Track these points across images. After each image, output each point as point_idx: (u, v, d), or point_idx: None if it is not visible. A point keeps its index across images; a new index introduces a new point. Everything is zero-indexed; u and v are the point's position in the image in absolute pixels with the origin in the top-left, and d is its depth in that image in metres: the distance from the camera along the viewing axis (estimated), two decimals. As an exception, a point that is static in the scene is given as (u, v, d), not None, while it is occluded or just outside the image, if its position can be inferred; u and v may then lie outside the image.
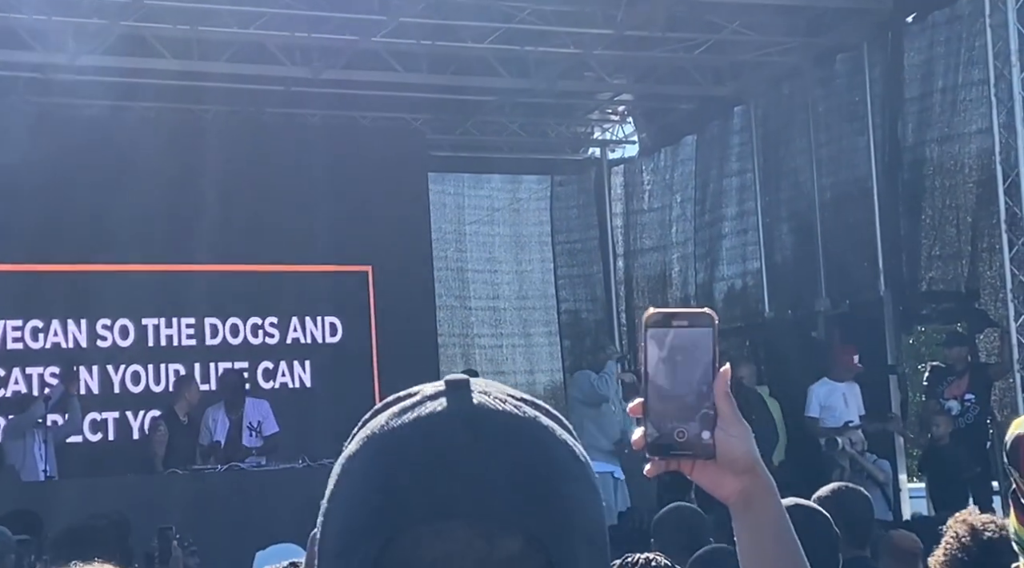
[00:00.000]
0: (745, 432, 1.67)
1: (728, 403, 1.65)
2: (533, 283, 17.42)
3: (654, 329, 1.65)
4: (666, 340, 1.64)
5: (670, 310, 1.66)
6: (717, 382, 1.64)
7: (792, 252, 15.17)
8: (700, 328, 1.64)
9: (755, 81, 15.20)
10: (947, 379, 12.61)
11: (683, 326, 1.64)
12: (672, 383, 1.64)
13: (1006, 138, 11.70)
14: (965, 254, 13.08)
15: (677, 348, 1.64)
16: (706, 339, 1.64)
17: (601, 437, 12.00)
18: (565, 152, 17.70)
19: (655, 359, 1.64)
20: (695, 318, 1.65)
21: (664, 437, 1.64)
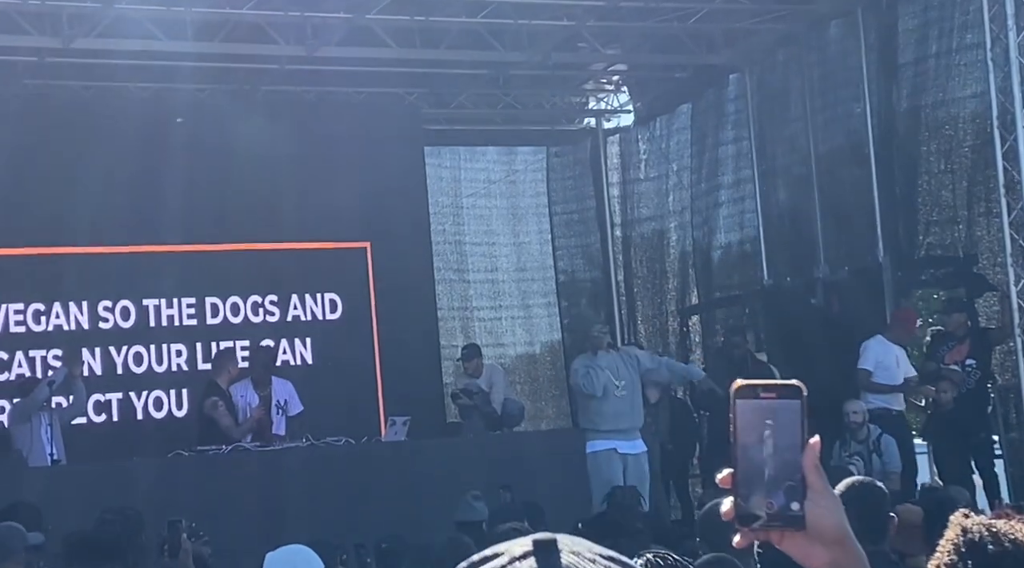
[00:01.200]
0: (835, 504, 1.68)
1: (818, 475, 1.66)
2: (531, 254, 17.43)
3: (742, 400, 1.67)
4: (755, 411, 1.67)
5: (759, 382, 1.69)
6: (807, 454, 1.65)
7: (789, 219, 15.18)
8: (788, 400, 1.67)
9: (749, 48, 15.18)
10: (948, 344, 12.66)
11: (771, 397, 1.67)
12: (761, 454, 1.66)
13: (1003, 102, 11.71)
14: (962, 219, 13.12)
15: (765, 419, 1.66)
16: (794, 410, 1.66)
17: (603, 421, 11.99)
18: (560, 123, 17.68)
19: (744, 430, 1.67)
20: (783, 390, 1.68)
21: (754, 507, 1.66)
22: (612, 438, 11.83)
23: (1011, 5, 11.53)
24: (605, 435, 11.88)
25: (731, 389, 1.69)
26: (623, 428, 11.92)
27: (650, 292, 17.10)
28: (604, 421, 11.94)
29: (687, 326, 16.67)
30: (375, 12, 13.08)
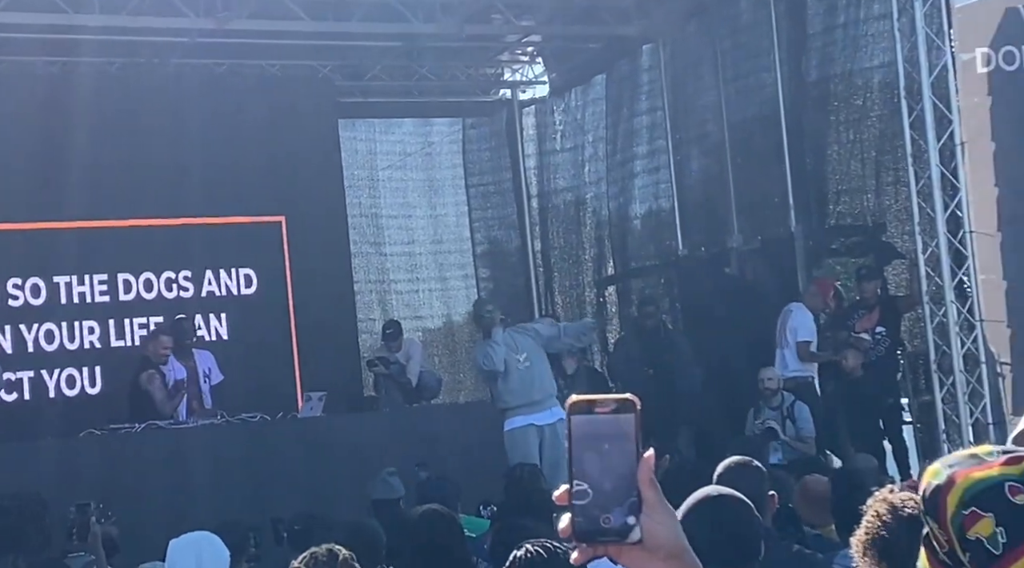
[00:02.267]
0: (671, 518, 1.69)
1: (653, 489, 1.67)
2: (448, 226, 17.41)
3: (577, 416, 1.67)
4: (590, 426, 1.67)
5: (592, 397, 1.68)
6: (641, 468, 1.66)
7: (703, 190, 15.28)
8: (623, 414, 1.67)
9: (662, 19, 15.21)
10: (858, 312, 12.82)
11: (606, 412, 1.67)
12: (597, 470, 1.66)
13: (910, 72, 11.83)
14: (870, 188, 13.27)
15: (601, 435, 1.66)
16: (629, 425, 1.66)
17: (512, 397, 11.99)
18: (476, 94, 17.64)
19: (579, 445, 1.67)
20: (618, 404, 1.67)
21: (590, 523, 1.66)
22: (527, 413, 11.84)
23: (917, -25, 11.63)
24: (519, 411, 11.89)
25: (566, 405, 1.69)
26: (535, 400, 11.93)
27: (567, 263, 17.15)
28: (514, 397, 11.94)
29: (604, 297, 16.75)
30: (286, -16, 12.98)
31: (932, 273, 11.72)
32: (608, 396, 1.68)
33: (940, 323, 11.64)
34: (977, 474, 2.03)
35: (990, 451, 2.06)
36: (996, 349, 11.50)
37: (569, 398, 1.69)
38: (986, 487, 2.02)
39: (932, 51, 11.70)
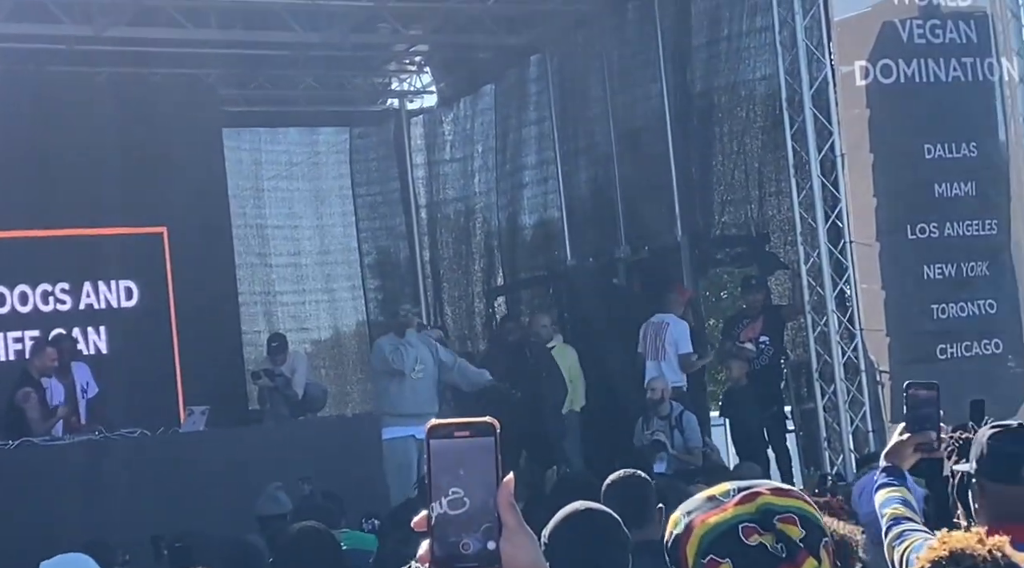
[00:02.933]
0: (530, 542, 1.67)
1: (512, 513, 1.65)
2: (335, 237, 17.28)
3: (436, 441, 1.65)
4: (449, 451, 1.64)
5: (452, 422, 1.66)
6: (501, 492, 1.64)
7: (591, 200, 15.32)
8: (482, 438, 1.64)
9: (550, 30, 15.25)
10: (742, 322, 12.93)
11: (465, 436, 1.65)
12: (456, 495, 1.64)
13: (791, 84, 11.96)
14: (754, 198, 13.39)
15: (460, 459, 1.64)
16: (488, 449, 1.64)
17: (402, 404, 11.90)
18: (363, 104, 17.55)
19: (439, 470, 1.64)
20: (477, 428, 1.65)
21: (449, 549, 1.64)
22: (409, 424, 11.74)
23: (798, -12, 11.76)
24: (402, 421, 11.78)
25: (425, 429, 1.66)
26: (423, 412, 11.83)
27: (457, 274, 17.11)
28: (403, 404, 11.84)
29: (493, 307, 16.73)
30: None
31: (814, 283, 11.85)
32: (467, 420, 1.66)
33: (822, 332, 11.78)
34: (712, 520, 2.03)
35: (726, 491, 2.07)
36: (875, 358, 11.65)
37: (429, 422, 1.67)
38: (721, 532, 2.02)
39: (813, 64, 11.85)
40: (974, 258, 11.81)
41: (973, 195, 11.89)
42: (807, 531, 2.01)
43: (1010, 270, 12.02)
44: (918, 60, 11.90)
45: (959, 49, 11.98)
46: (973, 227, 11.85)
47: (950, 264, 11.75)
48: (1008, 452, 3.53)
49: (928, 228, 11.77)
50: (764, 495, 2.05)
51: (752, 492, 2.05)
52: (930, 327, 11.67)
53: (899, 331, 11.69)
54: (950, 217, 11.81)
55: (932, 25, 11.95)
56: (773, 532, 2.01)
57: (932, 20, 11.96)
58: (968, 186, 11.86)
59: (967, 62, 11.98)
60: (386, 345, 12.16)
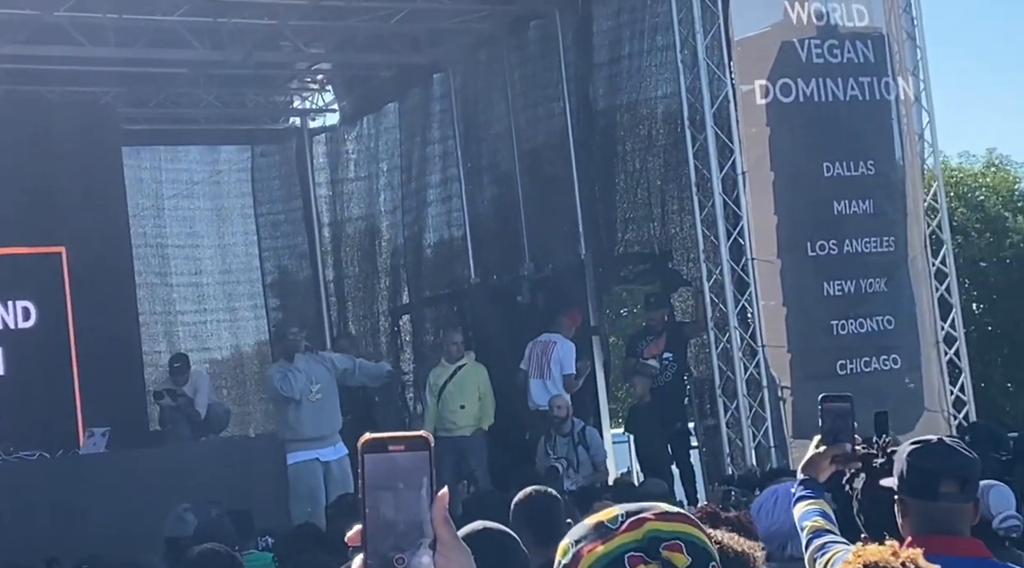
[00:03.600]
0: (465, 557, 1.65)
1: (447, 528, 1.64)
2: (237, 256, 17.14)
3: (370, 454, 1.63)
4: (383, 465, 1.63)
5: (386, 435, 1.64)
6: (435, 506, 1.63)
7: (495, 218, 15.34)
8: (417, 452, 1.63)
9: (452, 48, 15.28)
10: (646, 339, 13.01)
11: (399, 450, 1.63)
12: (390, 509, 1.62)
13: (693, 102, 12.07)
14: (657, 216, 13.50)
15: (394, 473, 1.63)
16: (423, 462, 1.63)
17: (302, 428, 11.79)
18: (265, 122, 17.44)
19: (372, 484, 1.62)
20: (411, 442, 1.64)
21: (383, 563, 1.62)
22: (313, 447, 11.64)
23: (698, 8, 11.89)
24: (305, 445, 11.68)
25: (359, 442, 1.65)
26: (324, 434, 11.76)
27: (361, 292, 17.03)
28: (302, 428, 11.75)
29: (398, 326, 16.67)
30: (64, 9, 12.60)
31: (716, 299, 11.96)
32: (401, 433, 1.65)
33: (724, 348, 11.89)
34: (600, 549, 2.02)
35: (615, 516, 2.05)
36: (777, 374, 11.78)
37: (363, 436, 1.65)
38: (607, 563, 2.01)
39: (714, 82, 11.98)
40: (872, 275, 11.99)
41: (871, 212, 12.09)
42: (693, 558, 2.01)
43: (907, 286, 12.22)
44: (817, 79, 12.07)
45: (856, 69, 12.18)
46: (871, 244, 12.04)
47: (849, 281, 11.92)
48: (927, 469, 3.57)
49: (828, 245, 11.93)
50: (650, 521, 2.03)
51: (639, 518, 2.04)
52: (830, 343, 11.82)
53: (800, 347, 11.83)
54: (849, 234, 11.99)
55: (830, 45, 12.14)
56: (659, 560, 2.00)
57: (830, 40, 12.15)
58: (866, 204, 12.05)
59: (864, 81, 12.19)
60: (275, 374, 12.04)
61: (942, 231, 12.66)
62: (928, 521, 3.56)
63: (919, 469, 3.58)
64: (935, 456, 3.60)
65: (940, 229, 12.66)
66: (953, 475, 3.57)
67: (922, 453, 3.62)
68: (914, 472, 3.58)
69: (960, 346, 12.41)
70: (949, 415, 12.06)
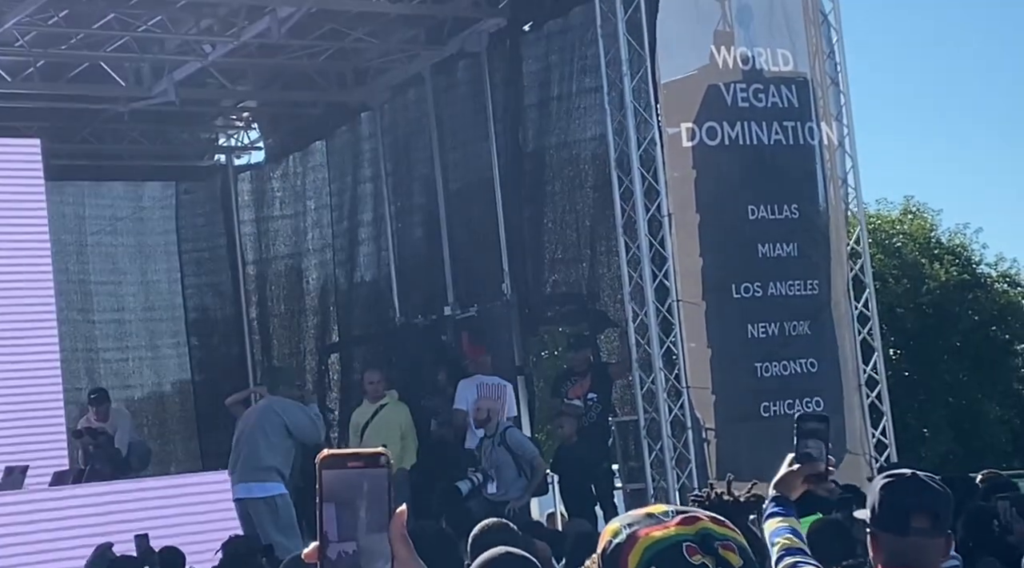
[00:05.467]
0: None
1: (405, 546, 1.63)
2: (160, 293, 17.00)
3: (329, 470, 1.62)
4: (342, 481, 1.62)
5: (344, 451, 1.64)
6: (394, 523, 1.62)
7: (423, 257, 15.34)
8: (375, 469, 1.63)
9: (380, 87, 15.29)
10: (570, 379, 13.02)
11: (358, 466, 1.63)
12: (348, 526, 1.62)
13: (620, 144, 12.14)
14: (585, 257, 13.54)
15: (353, 490, 1.62)
16: (381, 480, 1.62)
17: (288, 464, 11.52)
18: (190, 159, 17.34)
19: (330, 501, 1.61)
20: (370, 458, 1.63)
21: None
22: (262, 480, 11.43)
23: (625, 51, 11.97)
24: (283, 480, 11.44)
25: (317, 459, 1.64)
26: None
27: (288, 330, 16.93)
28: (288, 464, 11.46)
29: (326, 364, 16.58)
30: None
31: (641, 341, 11.99)
32: (360, 450, 1.64)
33: (649, 390, 11.91)
34: (657, 534, 2.06)
35: (666, 511, 2.11)
36: (701, 415, 11.82)
37: (322, 452, 1.64)
38: (666, 547, 2.05)
39: (640, 125, 12.05)
40: (796, 317, 12.09)
41: (795, 256, 12.19)
42: (745, 561, 2.06)
43: (830, 329, 12.33)
44: (742, 123, 12.19)
45: (781, 113, 12.32)
46: (795, 287, 12.14)
47: (773, 323, 12.01)
48: (899, 503, 3.58)
49: (752, 288, 12.01)
50: (703, 521, 2.09)
51: (692, 516, 2.09)
52: (754, 385, 11.88)
53: (724, 389, 11.88)
54: (773, 277, 12.08)
55: (755, 89, 12.27)
56: (714, 556, 2.05)
57: (755, 84, 12.28)
58: (790, 247, 12.16)
59: (789, 126, 12.32)
60: (316, 418, 11.79)
61: (864, 275, 12.80)
62: (899, 555, 3.56)
63: (891, 503, 3.58)
64: (907, 491, 3.59)
65: (863, 273, 12.80)
66: (925, 510, 3.57)
67: (894, 487, 3.61)
68: (886, 506, 3.58)
69: (882, 389, 12.53)
70: (871, 458, 12.16)
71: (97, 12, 12.62)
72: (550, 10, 13.51)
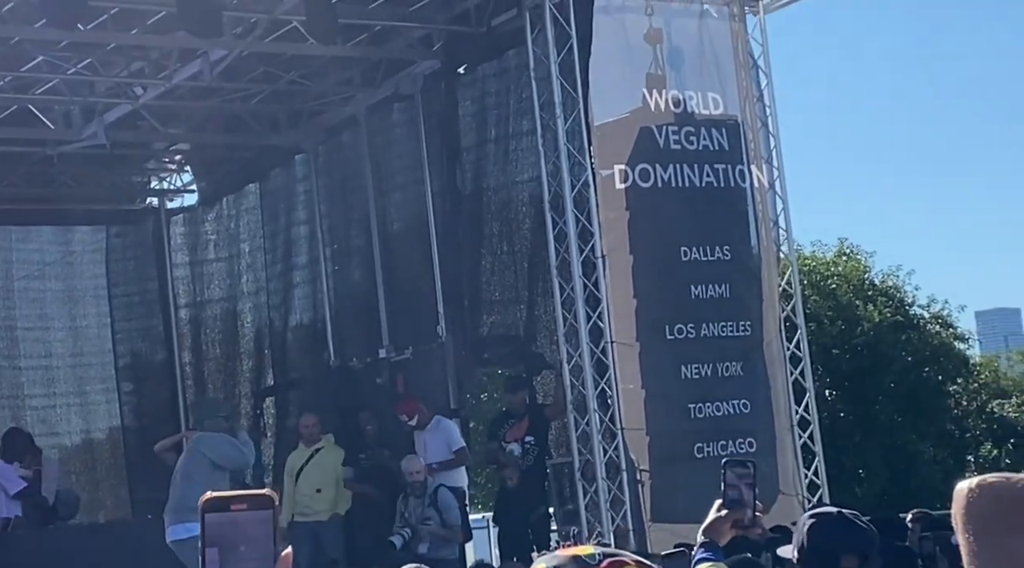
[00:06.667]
0: None
1: None
2: (89, 339, 16.79)
3: (211, 514, 1.60)
4: (225, 525, 1.60)
5: (228, 494, 1.62)
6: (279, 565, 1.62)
7: (359, 300, 15.25)
8: (259, 511, 1.61)
9: (314, 130, 15.24)
10: (507, 422, 12.96)
11: (242, 509, 1.61)
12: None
13: (554, 187, 12.15)
14: (523, 299, 13.49)
15: (237, 533, 1.60)
16: (266, 522, 1.61)
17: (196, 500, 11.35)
18: (121, 202, 17.18)
19: (213, 545, 1.60)
20: (254, 500, 1.62)
21: None
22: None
23: (559, 94, 12.01)
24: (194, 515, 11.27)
25: (199, 503, 1.62)
26: None
27: (223, 374, 16.76)
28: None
29: (261, 408, 16.42)
30: (-88, 84, 12.33)
31: (576, 382, 11.96)
32: (243, 492, 1.63)
33: (584, 431, 11.87)
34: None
35: (592, 553, 2.08)
36: (636, 456, 11.80)
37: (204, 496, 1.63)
38: None
39: (574, 167, 12.07)
40: (729, 358, 12.12)
41: (728, 297, 12.24)
42: None
43: (762, 370, 12.37)
44: (674, 165, 12.26)
45: (712, 155, 12.40)
46: (728, 328, 12.18)
47: (706, 364, 12.03)
48: (827, 545, 3.56)
49: (685, 329, 12.04)
50: (629, 565, 2.06)
51: (618, 560, 2.06)
52: (687, 426, 11.89)
53: (658, 430, 11.88)
54: (706, 318, 12.11)
55: (687, 132, 12.35)
56: None
57: (687, 127, 12.36)
58: (722, 288, 12.21)
59: (720, 168, 12.40)
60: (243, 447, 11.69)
61: (796, 316, 12.86)
62: None
63: (819, 544, 3.56)
64: (835, 531, 3.58)
65: (794, 314, 12.86)
66: (853, 550, 3.57)
67: (822, 528, 3.60)
68: (814, 547, 3.56)
69: (814, 430, 12.57)
70: (803, 498, 12.18)
71: (25, 55, 12.50)
72: (484, 52, 13.51)
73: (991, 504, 1.88)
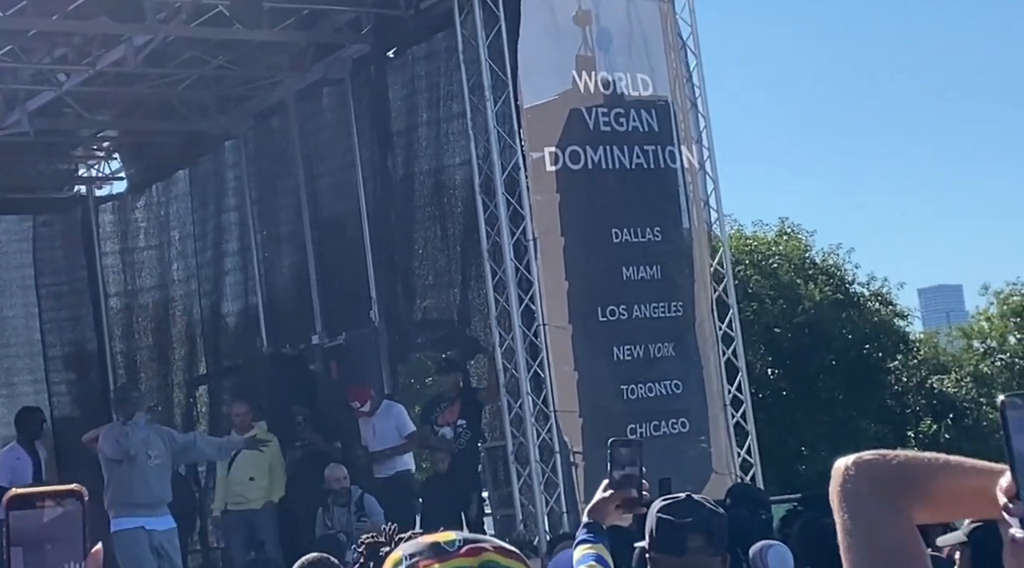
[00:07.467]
0: None
1: None
2: (16, 329, 16.60)
3: (16, 511, 1.53)
4: (31, 523, 1.53)
5: (33, 490, 1.55)
6: (88, 563, 1.55)
7: (291, 286, 15.16)
8: (67, 508, 1.55)
9: (243, 115, 15.09)
10: (440, 406, 12.92)
11: (48, 506, 1.55)
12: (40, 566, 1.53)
13: (485, 170, 12.09)
14: (456, 283, 13.44)
15: (42, 531, 1.53)
16: (74, 518, 1.54)
17: (131, 492, 11.23)
18: (48, 191, 16.96)
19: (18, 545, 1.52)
20: (61, 496, 1.55)
21: None
22: (139, 514, 11.13)
23: (488, 77, 11.94)
24: (132, 510, 11.15)
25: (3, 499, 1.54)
26: (152, 502, 11.26)
27: (155, 363, 16.61)
28: (132, 492, 11.16)
29: (195, 397, 16.28)
30: None
31: (509, 365, 11.93)
32: (50, 488, 1.56)
33: (517, 415, 11.85)
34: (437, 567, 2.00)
35: (452, 540, 2.04)
36: (569, 439, 11.78)
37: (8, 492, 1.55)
38: None
39: (505, 150, 12.02)
40: (661, 339, 12.12)
41: (659, 278, 12.23)
42: None
43: (694, 350, 12.38)
44: (604, 147, 12.22)
45: (642, 137, 12.37)
46: (660, 309, 12.17)
47: (639, 345, 12.02)
48: (674, 524, 3.63)
49: (617, 311, 12.02)
50: (489, 552, 2.01)
51: (478, 547, 2.02)
52: (621, 408, 11.88)
53: (592, 412, 11.86)
54: (638, 300, 12.10)
55: (616, 113, 12.31)
56: None
57: (616, 108, 12.32)
58: (654, 269, 12.20)
59: (650, 149, 12.37)
60: (109, 431, 11.55)
61: (728, 296, 12.87)
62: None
63: (667, 525, 3.64)
64: (682, 512, 3.66)
65: (726, 294, 12.86)
66: (700, 529, 3.65)
67: (670, 509, 3.68)
68: (662, 528, 3.64)
69: (747, 409, 12.60)
70: (737, 477, 12.20)
71: (-55, 41, 12.28)
72: (413, 35, 13.41)
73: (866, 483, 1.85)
